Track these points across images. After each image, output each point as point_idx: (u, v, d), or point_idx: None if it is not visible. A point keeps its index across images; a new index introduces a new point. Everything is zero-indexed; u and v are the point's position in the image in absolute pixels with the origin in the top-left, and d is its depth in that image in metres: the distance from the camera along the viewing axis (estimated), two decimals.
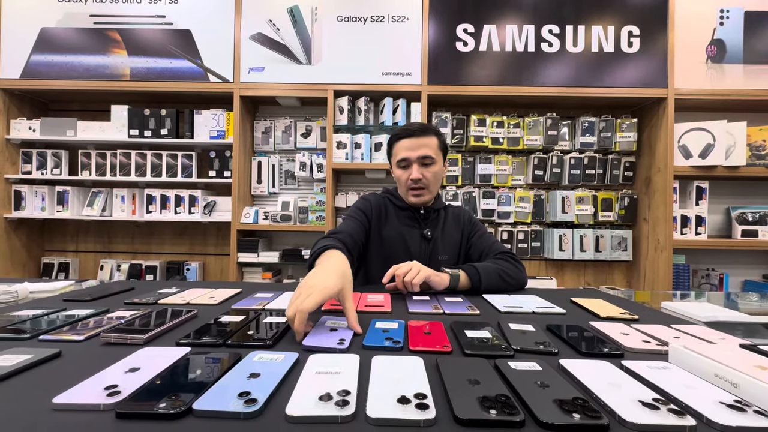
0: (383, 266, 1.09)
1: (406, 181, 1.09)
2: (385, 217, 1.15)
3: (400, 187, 1.13)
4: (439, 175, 1.11)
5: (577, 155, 2.20)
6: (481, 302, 0.84)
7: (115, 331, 0.55)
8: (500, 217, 2.22)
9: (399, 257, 1.08)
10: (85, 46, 2.08)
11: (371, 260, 1.14)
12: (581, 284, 2.32)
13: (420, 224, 1.14)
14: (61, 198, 2.18)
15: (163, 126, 2.14)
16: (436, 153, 1.09)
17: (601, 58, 2.06)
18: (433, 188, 1.11)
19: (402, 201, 1.15)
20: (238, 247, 2.08)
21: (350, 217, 1.11)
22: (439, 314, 0.73)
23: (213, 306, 0.77)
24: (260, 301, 0.79)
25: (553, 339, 0.58)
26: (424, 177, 1.07)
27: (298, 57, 2.08)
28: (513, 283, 0.98)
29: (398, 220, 1.14)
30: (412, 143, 1.07)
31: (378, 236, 1.13)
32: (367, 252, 1.13)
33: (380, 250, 1.12)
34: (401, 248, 1.11)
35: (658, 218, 2.08)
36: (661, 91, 2.04)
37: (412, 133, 1.08)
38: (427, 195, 1.10)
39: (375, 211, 1.14)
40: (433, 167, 1.09)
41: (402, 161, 1.09)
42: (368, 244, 1.13)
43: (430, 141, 1.09)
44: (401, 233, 1.12)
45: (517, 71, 2.07)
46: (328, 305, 0.75)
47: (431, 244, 1.12)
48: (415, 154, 1.07)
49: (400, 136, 1.10)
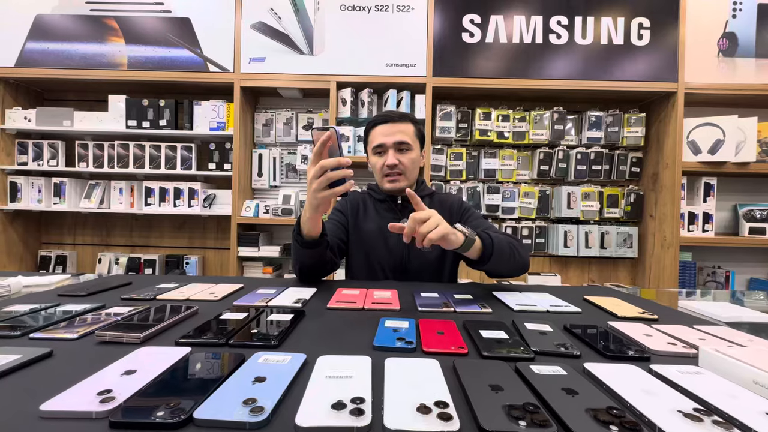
0: (365, 262, 1.11)
1: (381, 168, 1.07)
2: (363, 212, 1.13)
3: (376, 174, 1.11)
4: (416, 162, 1.09)
5: (584, 150, 2.16)
6: (492, 300, 0.81)
7: (111, 329, 0.52)
8: (505, 212, 2.19)
9: (379, 251, 1.08)
10: (81, 34, 2.03)
11: (353, 257, 1.13)
12: (585, 281, 2.29)
13: (399, 214, 1.11)
14: (58, 190, 2.14)
15: (161, 117, 2.10)
16: (412, 140, 1.07)
17: (610, 51, 2.01)
18: (409, 175, 1.08)
19: (381, 193, 1.13)
20: (239, 241, 2.05)
21: (329, 221, 1.11)
22: (450, 312, 0.70)
23: (214, 302, 0.74)
24: (263, 297, 0.76)
25: (572, 340, 0.56)
26: (401, 163, 1.05)
27: (300, 47, 2.03)
28: (519, 261, 0.93)
29: (377, 213, 1.12)
30: (388, 129, 1.06)
31: (357, 232, 1.12)
32: (348, 249, 1.13)
33: (360, 245, 1.11)
34: (380, 241, 1.09)
35: (665, 215, 2.05)
36: (670, 85, 1.99)
37: (389, 119, 1.06)
38: (404, 181, 1.08)
39: (352, 208, 1.14)
40: (409, 153, 1.07)
41: (378, 147, 1.07)
42: (348, 242, 1.12)
43: (407, 128, 1.07)
44: (379, 226, 1.10)
45: (524, 63, 2.02)
46: (336, 303, 0.72)
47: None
48: (390, 140, 1.05)
49: (376, 122, 1.08)
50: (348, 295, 0.80)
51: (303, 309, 0.68)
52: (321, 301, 0.75)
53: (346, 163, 0.72)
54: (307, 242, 0.89)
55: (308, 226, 0.88)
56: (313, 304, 0.74)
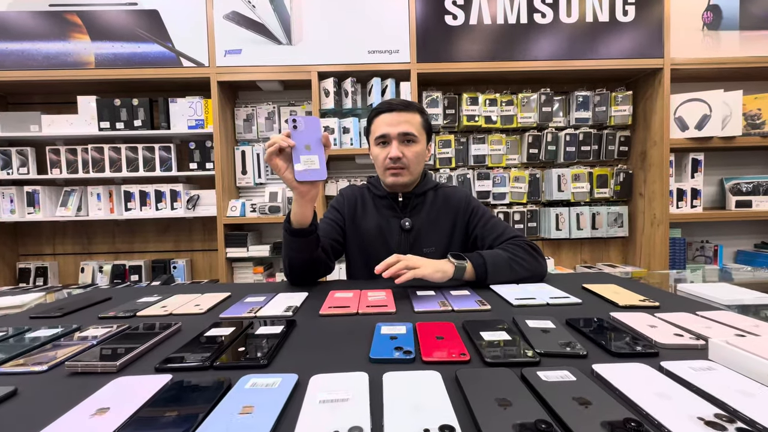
0: (364, 261, 1.05)
1: (384, 160, 0.99)
2: (362, 209, 1.07)
3: (378, 167, 1.03)
4: (421, 156, 1.00)
5: (572, 131, 2.15)
6: (491, 294, 0.79)
7: (84, 358, 0.48)
8: (496, 198, 2.17)
9: (378, 251, 1.01)
10: (42, 32, 1.90)
11: (351, 256, 1.08)
12: (578, 262, 2.31)
13: (399, 213, 1.05)
14: (32, 199, 2.04)
15: (136, 117, 2.00)
16: (418, 131, 0.99)
17: (595, 29, 1.98)
18: (413, 170, 1.00)
19: (381, 189, 1.06)
20: (226, 242, 1.99)
21: (323, 221, 1.05)
22: (447, 312, 0.68)
23: (199, 316, 0.70)
24: (251, 306, 0.72)
25: (577, 337, 0.53)
26: (405, 156, 0.97)
27: (277, 36, 1.94)
28: (527, 275, 0.88)
29: (376, 210, 1.06)
30: (393, 118, 0.97)
31: (355, 230, 1.05)
32: (347, 248, 1.08)
33: (359, 244, 1.05)
34: (379, 241, 1.03)
35: (654, 192, 2.05)
36: (656, 61, 1.97)
37: (394, 107, 0.98)
38: (407, 176, 1.00)
39: (349, 205, 1.07)
40: (414, 146, 0.99)
41: (381, 138, 0.99)
42: (346, 242, 1.07)
43: (413, 118, 0.99)
44: (379, 224, 1.04)
45: (509, 45, 1.97)
46: (328, 309, 0.69)
47: (412, 236, 1.02)
48: (395, 130, 0.97)
49: (381, 110, 1.00)
50: (341, 299, 0.77)
51: (294, 318, 0.64)
52: (313, 308, 0.72)
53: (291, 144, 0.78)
54: (296, 230, 0.86)
55: (296, 213, 0.85)
56: (304, 312, 0.70)
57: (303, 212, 0.85)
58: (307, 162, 0.80)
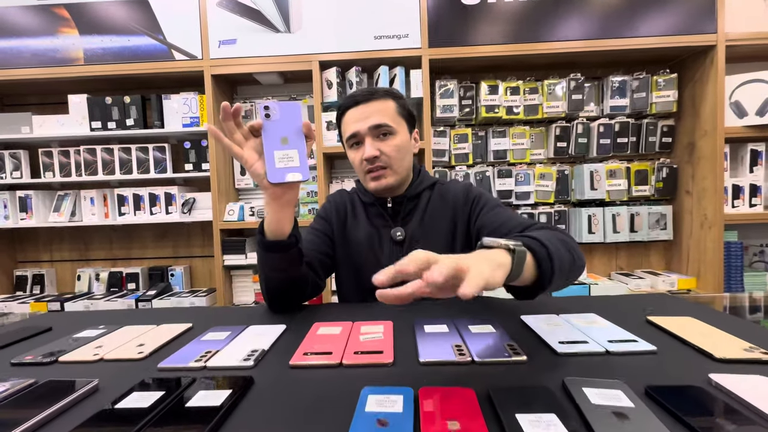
0: (354, 278, 0.88)
1: (361, 163, 0.83)
2: (352, 217, 0.90)
3: (358, 173, 0.87)
4: (404, 148, 0.84)
5: (607, 121, 1.89)
6: (521, 329, 0.59)
7: None
8: (519, 198, 1.95)
9: (368, 265, 0.85)
10: (29, 28, 1.80)
11: (341, 271, 0.91)
12: (613, 269, 2.05)
13: (390, 222, 0.87)
14: (24, 204, 1.95)
15: (128, 115, 1.88)
16: (394, 120, 0.82)
17: (634, 2, 1.72)
18: (397, 167, 0.83)
19: (369, 195, 0.89)
20: (223, 249, 1.85)
21: (310, 232, 0.89)
22: (465, 364, 0.48)
23: (135, 363, 0.53)
24: (205, 349, 0.55)
25: (669, 424, 0.33)
26: (383, 153, 0.81)
27: (274, 24, 1.77)
28: (579, 264, 0.65)
29: (367, 219, 0.89)
30: (361, 112, 0.81)
31: (344, 242, 0.89)
32: (336, 263, 0.91)
33: (349, 258, 0.89)
34: (369, 254, 0.86)
35: (705, 189, 1.78)
36: (708, 37, 1.70)
37: (359, 99, 0.82)
38: (391, 176, 0.83)
39: (338, 213, 0.91)
40: (392, 139, 0.82)
41: (351, 138, 0.83)
42: (336, 254, 0.90)
43: (384, 106, 0.82)
44: (369, 235, 0.87)
45: (533, 25, 1.74)
46: (303, 357, 0.50)
47: (405, 248, 0.84)
48: (365, 125, 0.80)
49: (345, 106, 0.84)
50: (324, 337, 0.58)
51: (251, 376, 0.46)
52: (285, 351, 0.54)
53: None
54: (271, 243, 0.68)
55: (270, 221, 0.68)
56: (271, 360, 0.52)
57: (278, 219, 0.68)
58: (284, 159, 0.63)
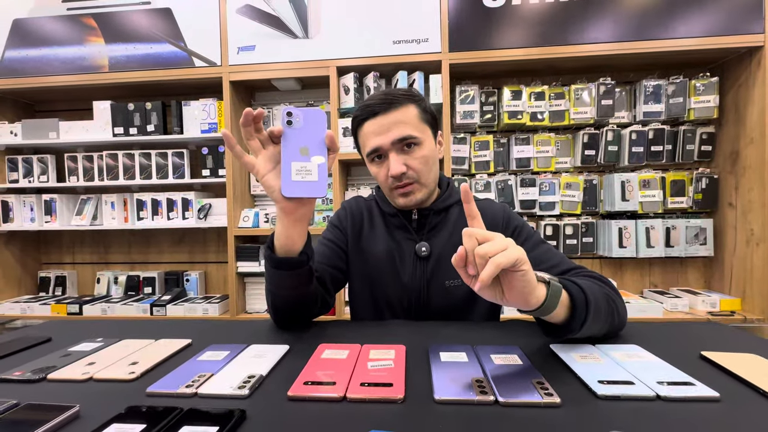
0: (370, 292, 0.81)
1: (386, 179, 0.75)
2: (369, 228, 0.84)
3: (383, 188, 0.80)
4: (430, 159, 0.76)
5: (640, 128, 1.78)
6: (552, 362, 0.51)
7: None
8: (543, 208, 1.84)
9: (385, 280, 0.79)
10: (60, 37, 1.86)
11: (354, 284, 0.85)
12: (646, 286, 1.91)
13: (414, 235, 0.80)
14: (49, 207, 2.00)
15: (149, 121, 1.90)
16: (417, 128, 0.74)
17: (671, 2, 1.62)
18: (425, 180, 0.76)
19: (390, 204, 0.82)
20: (237, 256, 1.83)
21: (321, 242, 0.83)
22: (488, 405, 0.41)
23: (124, 385, 0.49)
24: (199, 373, 0.50)
25: None
26: (410, 168, 0.73)
27: (293, 30, 1.76)
28: (619, 321, 0.61)
29: (386, 230, 0.82)
30: (381, 124, 0.73)
31: (359, 255, 0.82)
32: (350, 277, 0.85)
33: (363, 271, 0.82)
34: (387, 271, 0.79)
35: (752, 202, 1.64)
36: (754, 38, 1.58)
37: (376, 109, 0.73)
38: (420, 191, 0.76)
39: (353, 222, 0.84)
40: (418, 150, 0.74)
41: (373, 152, 0.75)
42: (349, 267, 0.84)
43: (406, 114, 0.73)
44: (389, 249, 0.80)
45: (560, 27, 1.66)
46: (303, 387, 0.45)
47: (430, 265, 0.77)
48: (387, 140, 0.72)
49: (362, 118, 0.75)
50: (329, 362, 0.52)
51: (243, 410, 0.41)
52: (284, 378, 0.48)
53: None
54: (280, 260, 0.62)
55: (280, 235, 0.61)
56: (268, 388, 0.47)
57: (289, 235, 0.61)
58: (302, 171, 0.56)
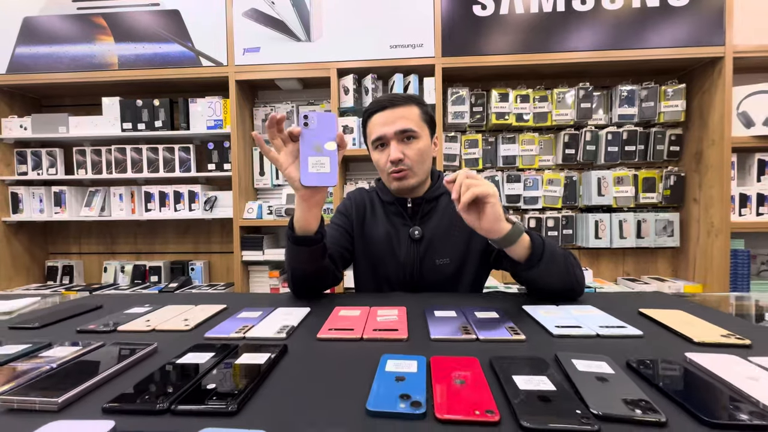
0: (372, 272, 0.97)
1: (385, 164, 0.90)
2: (371, 215, 0.99)
3: (381, 173, 0.95)
4: (425, 152, 0.90)
5: (615, 129, 1.94)
6: (523, 317, 0.66)
7: (25, 390, 0.40)
8: (527, 202, 2.00)
9: (385, 262, 0.94)
10: (70, 35, 1.94)
11: (359, 265, 1.00)
12: (620, 275, 2.09)
13: (408, 221, 0.95)
14: (59, 199, 2.08)
15: (156, 118, 2.00)
16: (418, 125, 0.89)
17: (643, 15, 1.78)
18: (418, 169, 0.90)
19: (389, 194, 0.97)
20: (242, 245, 1.95)
21: (331, 226, 0.97)
22: (471, 341, 0.55)
23: (184, 333, 0.61)
24: (242, 325, 0.63)
25: (644, 388, 0.40)
26: (406, 156, 0.88)
27: (296, 33, 1.88)
28: (573, 277, 0.76)
29: (385, 217, 0.97)
30: (388, 117, 0.88)
31: (363, 239, 0.97)
32: (355, 256, 1.00)
33: (366, 252, 0.97)
34: (386, 251, 0.94)
35: (712, 198, 1.81)
36: (716, 49, 1.74)
37: (386, 104, 0.89)
38: (412, 178, 0.90)
39: (357, 210, 0.99)
40: (416, 143, 0.89)
41: (377, 140, 0.90)
42: (354, 248, 0.99)
43: (409, 112, 0.89)
44: (387, 233, 0.95)
45: (544, 36, 1.81)
46: (328, 332, 0.58)
47: (423, 246, 0.93)
48: (391, 129, 0.87)
49: (373, 110, 0.91)
50: (345, 318, 0.66)
51: (285, 343, 0.54)
52: (312, 328, 0.62)
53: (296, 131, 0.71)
54: (299, 238, 0.77)
55: (299, 218, 0.76)
56: (301, 333, 0.60)
57: (307, 217, 0.76)
58: (317, 164, 0.69)
